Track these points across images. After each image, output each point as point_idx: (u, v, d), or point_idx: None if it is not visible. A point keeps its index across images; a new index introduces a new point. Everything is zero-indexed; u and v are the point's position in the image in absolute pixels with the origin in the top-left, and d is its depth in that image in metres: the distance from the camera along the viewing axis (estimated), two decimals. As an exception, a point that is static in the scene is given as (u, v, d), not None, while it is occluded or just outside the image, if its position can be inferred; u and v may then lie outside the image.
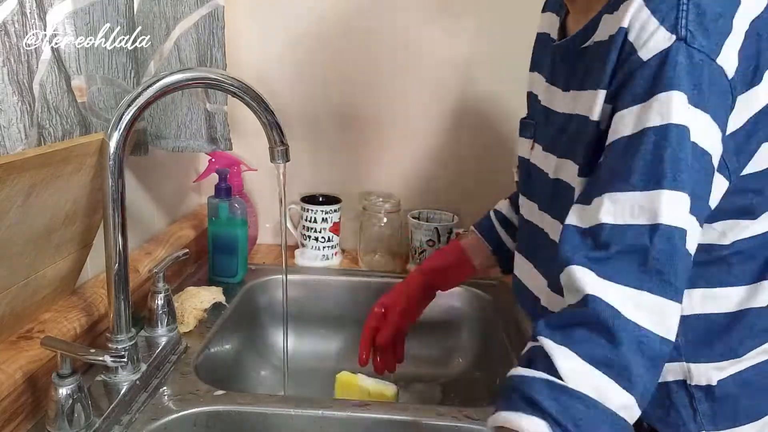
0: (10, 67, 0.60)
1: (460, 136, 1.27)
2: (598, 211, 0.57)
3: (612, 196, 0.56)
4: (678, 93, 0.54)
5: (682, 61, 0.54)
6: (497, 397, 0.56)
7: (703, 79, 0.54)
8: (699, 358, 0.66)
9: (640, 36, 0.57)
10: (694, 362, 0.66)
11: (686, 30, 0.54)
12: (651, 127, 0.55)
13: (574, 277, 0.56)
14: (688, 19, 0.55)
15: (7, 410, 0.63)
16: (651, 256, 0.54)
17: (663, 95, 0.55)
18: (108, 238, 0.68)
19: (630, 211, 0.56)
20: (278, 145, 0.75)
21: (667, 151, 0.54)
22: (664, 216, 0.54)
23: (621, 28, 0.58)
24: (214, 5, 0.92)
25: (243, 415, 0.72)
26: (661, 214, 0.54)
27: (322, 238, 1.20)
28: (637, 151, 0.56)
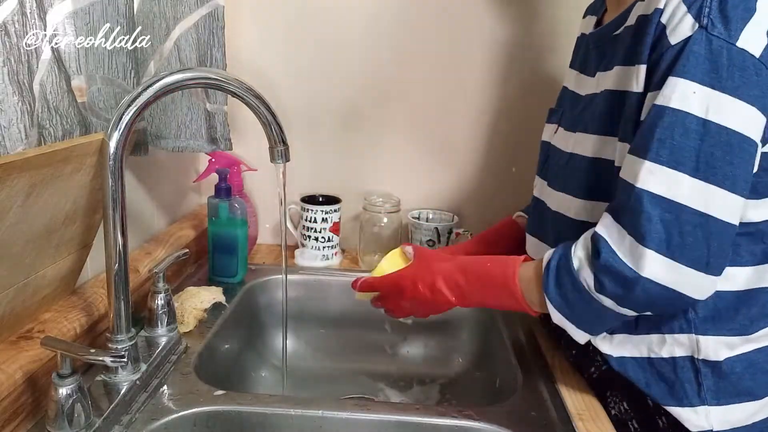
0: (10, 67, 0.60)
1: (460, 136, 1.27)
2: None
3: None
4: (684, 81, 0.62)
5: (698, 51, 0.61)
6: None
7: (722, 63, 0.61)
8: (708, 331, 0.70)
9: (671, 20, 0.64)
10: (703, 335, 0.70)
11: (708, 18, 0.61)
12: (654, 105, 0.64)
13: None
14: (711, 7, 0.61)
15: (7, 410, 0.63)
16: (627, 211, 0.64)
17: (672, 80, 0.62)
18: (108, 238, 0.68)
19: None
20: (278, 145, 0.75)
21: (657, 130, 0.63)
22: (638, 180, 0.63)
23: (657, 9, 0.66)
24: (214, 5, 0.92)
25: (243, 415, 0.72)
26: (637, 179, 0.64)
27: (322, 238, 1.20)
28: (644, 125, 0.65)
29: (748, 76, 0.61)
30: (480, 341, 1.08)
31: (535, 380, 0.82)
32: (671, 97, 0.62)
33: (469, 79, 1.24)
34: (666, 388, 0.71)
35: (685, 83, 0.62)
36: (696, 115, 0.61)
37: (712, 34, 0.61)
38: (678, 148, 0.62)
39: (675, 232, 0.62)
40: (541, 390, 0.80)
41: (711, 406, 0.69)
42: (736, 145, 0.61)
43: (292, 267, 1.20)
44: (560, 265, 0.70)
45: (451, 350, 1.11)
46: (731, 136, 0.61)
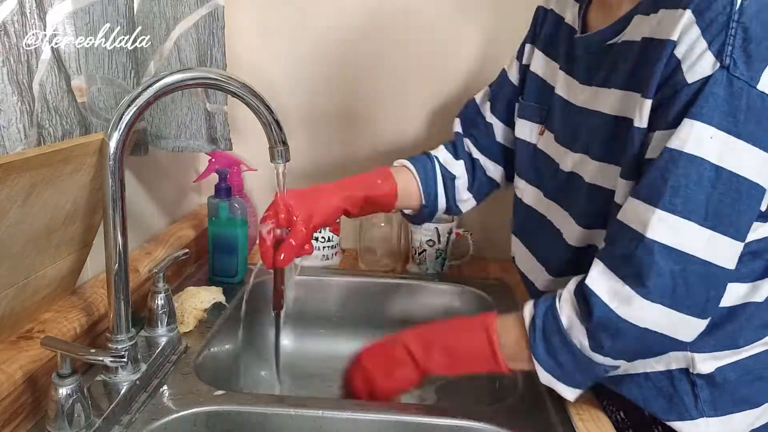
0: (9, 67, 0.60)
1: (460, 136, 1.26)
2: None
3: None
4: (701, 124, 0.58)
5: (718, 92, 0.57)
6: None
7: (741, 107, 0.57)
8: (702, 348, 0.69)
9: (688, 56, 0.59)
10: (697, 352, 0.69)
11: (730, 57, 0.57)
12: (667, 148, 0.60)
13: None
14: (734, 45, 0.57)
15: (7, 410, 0.63)
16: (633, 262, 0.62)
17: (687, 122, 0.58)
18: (108, 238, 0.68)
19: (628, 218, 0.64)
20: (278, 144, 0.75)
21: (671, 177, 0.59)
22: (648, 230, 0.60)
23: (669, 41, 0.60)
24: (214, 5, 0.92)
25: (243, 415, 0.72)
26: (647, 229, 0.60)
27: (322, 238, 1.20)
28: (654, 167, 0.61)
29: (765, 121, 0.58)
30: (480, 341, 1.08)
31: (535, 380, 0.82)
32: (686, 142, 0.58)
33: (470, 78, 1.23)
34: (665, 402, 0.70)
35: (702, 127, 0.58)
36: (710, 162, 0.58)
37: (733, 75, 0.57)
38: (691, 197, 0.59)
39: (681, 282, 0.60)
40: (541, 390, 0.80)
41: (710, 417, 0.68)
42: (744, 192, 0.59)
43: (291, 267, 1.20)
44: (547, 325, 0.67)
45: (451, 350, 1.11)
46: (741, 183, 0.58)
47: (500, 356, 0.70)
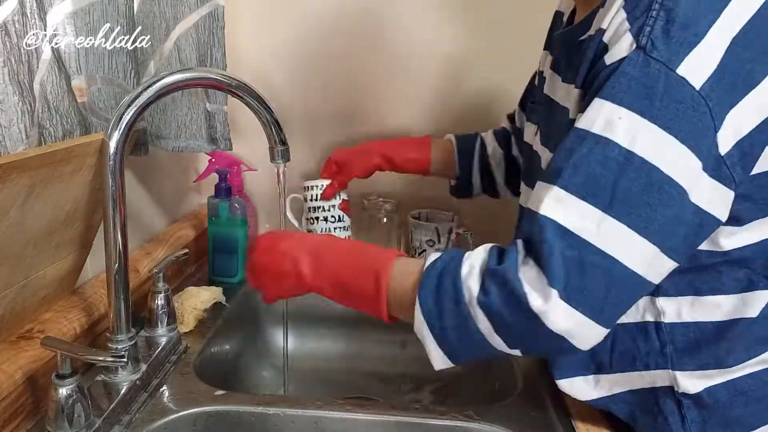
0: (10, 67, 0.60)
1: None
2: None
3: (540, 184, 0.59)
4: (611, 104, 0.54)
5: (632, 72, 0.54)
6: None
7: (657, 90, 0.53)
8: (684, 366, 0.64)
9: (612, 39, 0.57)
10: (680, 370, 0.64)
11: (648, 38, 0.54)
12: (575, 128, 0.57)
13: None
14: (654, 26, 0.54)
15: (7, 410, 0.63)
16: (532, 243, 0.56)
17: (597, 101, 0.55)
18: (108, 238, 0.68)
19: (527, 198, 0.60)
20: (278, 144, 0.75)
21: (574, 156, 0.55)
22: (542, 207, 0.55)
23: (601, 29, 0.59)
24: (214, 5, 0.92)
25: (243, 415, 0.72)
26: (540, 206, 0.56)
27: (331, 218, 1.04)
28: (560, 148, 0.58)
29: (684, 110, 0.53)
30: (480, 341, 1.08)
31: (535, 380, 0.82)
32: (595, 121, 0.55)
33: (470, 78, 1.23)
34: (650, 421, 0.66)
35: (611, 107, 0.54)
36: (619, 144, 0.53)
37: (650, 56, 0.53)
38: (593, 178, 0.54)
39: (574, 270, 0.53)
40: (541, 390, 0.80)
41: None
42: (656, 184, 0.53)
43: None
44: (447, 268, 0.60)
45: (451, 350, 1.11)
46: (653, 173, 0.53)
47: (383, 305, 0.64)
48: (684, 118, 0.53)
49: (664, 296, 0.64)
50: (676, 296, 0.64)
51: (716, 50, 0.53)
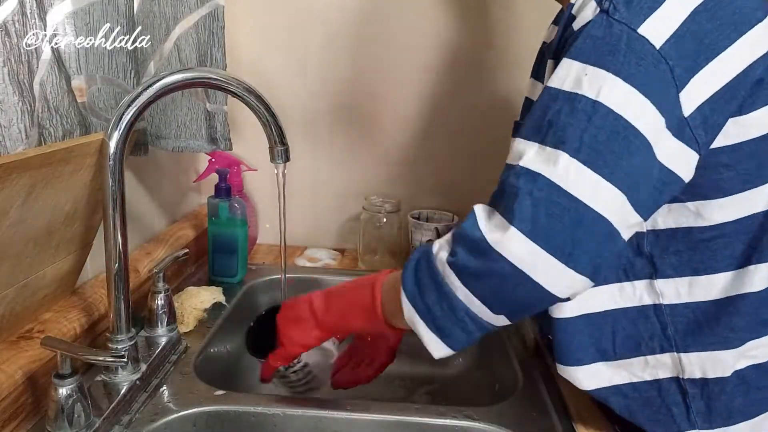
0: (10, 67, 0.60)
1: (460, 136, 1.27)
2: None
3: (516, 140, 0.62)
4: (578, 63, 0.58)
5: (596, 33, 0.58)
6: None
7: (620, 47, 0.57)
8: (689, 348, 0.65)
9: (579, 9, 0.61)
10: (684, 352, 0.65)
11: (610, 3, 0.58)
12: (546, 86, 0.60)
13: None
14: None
15: (7, 410, 0.63)
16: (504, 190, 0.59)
17: (566, 61, 0.59)
18: (108, 238, 0.68)
19: None
20: (278, 145, 0.75)
21: (549, 112, 0.59)
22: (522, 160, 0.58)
23: (570, 3, 0.64)
24: (214, 5, 0.92)
25: (243, 415, 0.72)
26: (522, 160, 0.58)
27: None
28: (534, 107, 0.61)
29: (646, 66, 0.56)
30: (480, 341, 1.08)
31: (535, 380, 0.82)
32: (565, 80, 0.58)
33: (470, 78, 1.24)
34: (651, 413, 0.67)
35: (578, 65, 0.58)
36: (587, 96, 0.57)
37: (612, 18, 0.57)
38: (563, 127, 0.57)
39: (542, 211, 0.55)
40: (541, 390, 0.80)
41: (702, 430, 0.65)
42: (621, 132, 0.56)
43: (292, 267, 1.20)
44: (421, 254, 0.64)
45: (451, 350, 1.11)
46: (618, 121, 0.56)
47: (379, 310, 0.68)
48: (645, 72, 0.56)
49: (662, 278, 0.66)
50: (675, 277, 0.65)
51: (677, 15, 0.57)
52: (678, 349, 0.65)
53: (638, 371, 0.67)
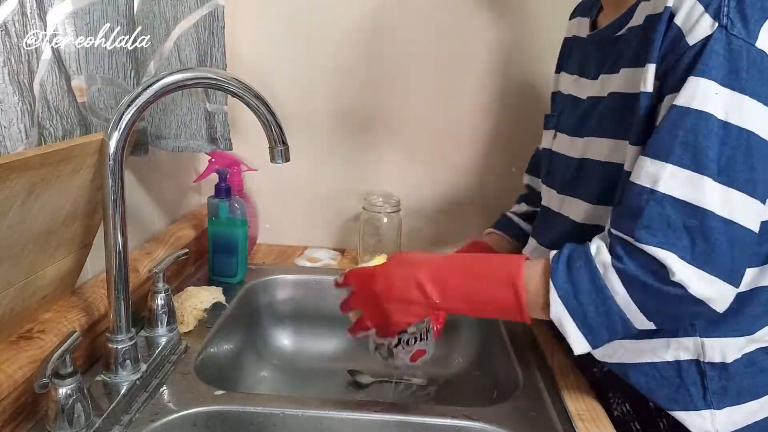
0: (10, 67, 0.60)
1: (460, 136, 1.27)
2: None
3: None
4: (705, 81, 0.60)
5: (719, 50, 0.60)
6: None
7: (742, 64, 0.59)
8: (712, 333, 0.69)
9: (688, 21, 0.62)
10: (707, 337, 0.69)
11: (727, 18, 0.60)
12: (675, 105, 0.61)
13: None
14: (730, 6, 0.60)
15: (7, 410, 0.62)
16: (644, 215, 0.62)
17: (692, 80, 0.60)
18: (108, 238, 0.68)
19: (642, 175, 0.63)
20: (278, 145, 0.75)
21: (680, 132, 0.60)
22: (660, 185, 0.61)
23: (666, 8, 0.63)
24: (214, 5, 0.92)
25: (243, 415, 0.72)
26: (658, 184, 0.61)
27: None
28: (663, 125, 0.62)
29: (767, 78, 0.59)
30: (480, 341, 1.08)
31: (535, 380, 0.82)
32: (693, 98, 0.60)
33: (470, 78, 1.24)
34: (670, 392, 0.70)
35: (706, 83, 0.60)
36: (717, 117, 0.59)
37: (731, 34, 0.59)
38: (701, 151, 0.59)
39: (700, 238, 0.59)
40: (541, 390, 0.80)
41: (717, 409, 0.68)
42: (756, 148, 0.59)
43: (291, 267, 1.20)
44: (573, 253, 0.66)
45: (451, 350, 1.11)
46: (752, 139, 0.59)
47: (526, 311, 0.68)
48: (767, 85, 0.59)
49: None
50: None
51: None
52: (701, 334, 0.69)
53: (660, 352, 0.70)
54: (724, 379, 0.69)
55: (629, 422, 0.76)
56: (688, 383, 0.69)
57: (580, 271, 0.64)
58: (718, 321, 0.68)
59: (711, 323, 0.69)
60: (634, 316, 0.63)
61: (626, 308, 0.63)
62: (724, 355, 0.69)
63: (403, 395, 1.03)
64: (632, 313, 0.63)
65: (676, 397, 0.70)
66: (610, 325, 0.64)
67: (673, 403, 0.70)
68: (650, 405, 0.73)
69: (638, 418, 0.75)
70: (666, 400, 0.70)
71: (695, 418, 0.69)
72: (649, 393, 0.71)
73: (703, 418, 0.69)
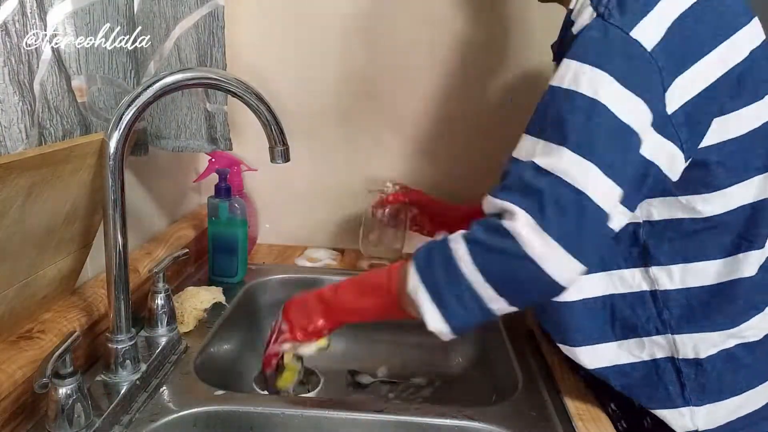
0: (11, 67, 0.60)
1: (460, 135, 1.27)
2: None
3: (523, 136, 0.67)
4: (576, 63, 0.62)
5: (593, 35, 0.63)
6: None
7: (614, 49, 0.62)
8: (683, 330, 0.70)
9: (577, 14, 0.66)
10: (678, 333, 0.70)
11: (605, 8, 0.63)
12: (549, 85, 0.64)
13: None
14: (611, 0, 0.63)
15: (7, 410, 0.63)
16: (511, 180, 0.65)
17: (566, 62, 0.63)
18: (108, 238, 0.68)
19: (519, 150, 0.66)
20: (278, 145, 0.75)
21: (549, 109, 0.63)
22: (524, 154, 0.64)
23: (570, 9, 0.68)
24: (214, 5, 0.92)
25: (243, 415, 0.72)
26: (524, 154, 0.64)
27: None
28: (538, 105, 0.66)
29: (637, 66, 0.61)
30: (480, 341, 1.08)
31: (535, 380, 0.82)
32: (564, 77, 0.63)
33: (470, 78, 1.23)
34: (649, 391, 0.71)
35: (577, 65, 0.62)
36: (584, 94, 0.61)
37: (608, 22, 0.62)
38: (564, 123, 0.61)
39: (551, 202, 0.59)
40: (541, 390, 0.80)
41: (695, 406, 0.69)
42: (616, 129, 0.60)
43: (291, 267, 1.20)
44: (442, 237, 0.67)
45: (451, 350, 1.11)
46: (613, 120, 0.60)
47: (394, 287, 0.70)
48: (637, 73, 0.61)
49: (656, 265, 0.70)
50: (667, 265, 0.70)
51: (666, 19, 0.62)
52: (673, 332, 0.70)
53: (636, 351, 0.71)
54: (701, 376, 0.69)
55: (615, 421, 0.76)
56: (666, 381, 0.70)
57: (437, 247, 0.66)
58: (687, 316, 0.69)
59: (681, 319, 0.69)
60: (482, 286, 0.62)
61: (473, 277, 0.62)
62: (697, 351, 0.69)
63: (403, 395, 1.03)
64: (479, 284, 0.62)
65: (655, 396, 0.70)
66: (459, 296, 0.63)
67: (654, 401, 0.71)
68: (634, 404, 0.73)
69: (624, 417, 0.76)
70: (646, 399, 0.71)
71: (675, 415, 0.69)
72: (630, 393, 0.72)
73: (683, 416, 0.69)
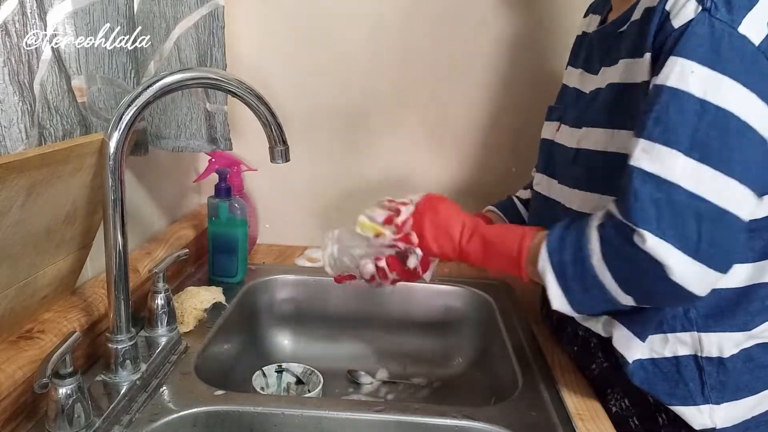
0: (11, 67, 0.60)
1: (460, 136, 1.27)
2: None
3: None
4: (682, 60, 0.61)
5: (700, 32, 0.61)
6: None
7: (723, 46, 0.60)
8: (710, 328, 0.70)
9: (675, 6, 0.64)
10: (705, 332, 0.70)
11: (711, 2, 0.61)
12: (654, 84, 0.63)
13: None
14: None
15: (7, 410, 0.63)
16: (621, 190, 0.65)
17: (671, 59, 0.62)
18: (108, 238, 0.68)
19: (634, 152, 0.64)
20: (278, 145, 0.75)
21: (654, 108, 0.62)
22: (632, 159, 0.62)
23: (649, 7, 0.67)
24: (214, 5, 0.92)
25: (243, 415, 0.72)
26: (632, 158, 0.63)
27: None
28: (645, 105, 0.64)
29: (748, 63, 0.60)
30: (480, 341, 1.08)
31: (535, 380, 0.82)
32: (669, 76, 0.62)
33: (470, 79, 1.23)
34: (669, 387, 0.71)
35: (683, 62, 0.61)
36: (693, 94, 0.60)
37: (714, 17, 0.61)
38: (673, 126, 0.61)
39: (667, 211, 0.59)
40: (541, 390, 0.80)
41: (715, 404, 0.69)
42: (734, 129, 0.60)
43: (292, 267, 1.20)
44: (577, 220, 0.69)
45: (451, 350, 1.11)
46: (730, 119, 0.60)
47: (523, 262, 0.72)
48: (747, 69, 0.60)
49: None
50: None
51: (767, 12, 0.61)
52: (699, 329, 0.70)
53: (658, 347, 0.71)
54: (722, 374, 0.70)
55: (628, 417, 0.76)
56: (687, 378, 0.70)
57: (572, 232, 0.68)
58: (715, 315, 0.69)
59: (708, 318, 0.70)
60: (609, 282, 0.64)
61: (600, 272, 0.64)
62: (721, 350, 0.69)
63: (403, 395, 1.03)
64: (606, 279, 0.64)
65: (675, 392, 0.70)
66: (584, 286, 0.66)
67: (672, 397, 0.71)
68: (649, 400, 0.73)
69: (637, 413, 0.76)
70: (665, 395, 0.71)
71: (694, 412, 0.70)
72: (649, 388, 0.72)
73: (702, 413, 0.69)
